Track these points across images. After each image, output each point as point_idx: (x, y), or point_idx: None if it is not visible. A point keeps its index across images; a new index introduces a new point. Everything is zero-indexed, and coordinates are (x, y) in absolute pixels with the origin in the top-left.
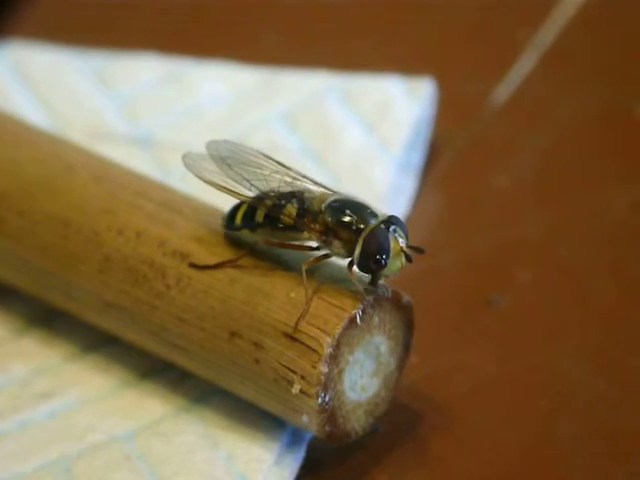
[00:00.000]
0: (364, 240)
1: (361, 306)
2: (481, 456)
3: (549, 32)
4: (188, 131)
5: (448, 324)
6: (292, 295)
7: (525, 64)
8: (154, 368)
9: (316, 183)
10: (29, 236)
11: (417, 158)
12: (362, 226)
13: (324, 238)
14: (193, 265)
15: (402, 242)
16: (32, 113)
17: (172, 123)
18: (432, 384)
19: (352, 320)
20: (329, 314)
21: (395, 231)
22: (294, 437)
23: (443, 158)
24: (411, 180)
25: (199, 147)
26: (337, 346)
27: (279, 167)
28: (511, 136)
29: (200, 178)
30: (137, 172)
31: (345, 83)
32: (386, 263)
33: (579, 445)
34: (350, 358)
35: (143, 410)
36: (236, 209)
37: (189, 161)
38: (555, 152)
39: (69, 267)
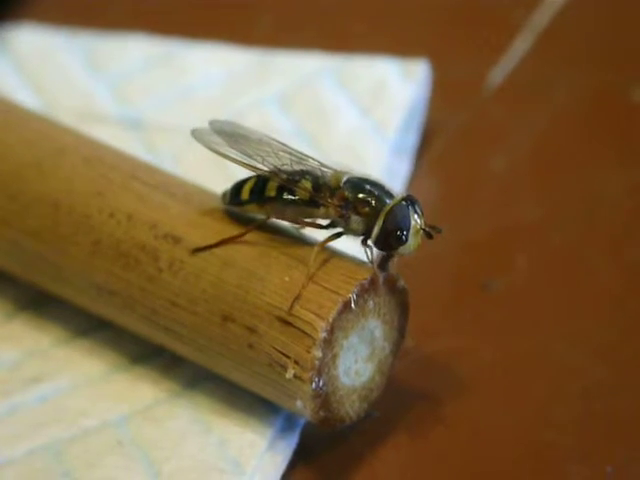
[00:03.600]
0: (386, 215)
1: (356, 290)
2: (476, 441)
3: (544, 14)
4: (179, 113)
5: (443, 309)
6: (286, 279)
7: (520, 46)
8: (146, 352)
9: (323, 164)
10: (19, 219)
11: (411, 141)
12: (383, 202)
13: (343, 212)
14: (196, 250)
15: (420, 220)
16: (21, 95)
17: (163, 105)
18: (427, 369)
19: (347, 304)
20: (323, 298)
21: (415, 209)
22: (288, 422)
23: (438, 141)
24: (405, 163)
25: (191, 129)
26: (331, 331)
27: (285, 147)
28: (506, 119)
29: (213, 150)
30: (128, 154)
31: (339, 65)
32: (407, 239)
33: (575, 430)
34: (344, 343)
35: (135, 395)
36: (241, 184)
37: (198, 135)
38: (550, 135)
39: (59, 250)
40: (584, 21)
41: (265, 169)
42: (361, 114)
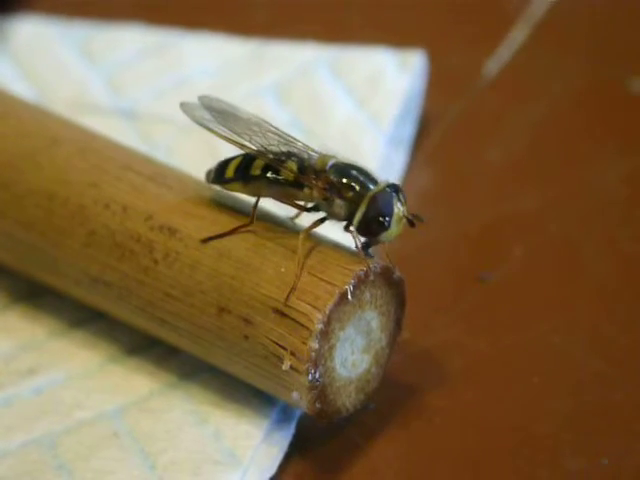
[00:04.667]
0: (370, 200)
1: (352, 282)
2: (472, 432)
3: (541, 5)
4: (174, 103)
5: (440, 300)
6: (282, 270)
7: (517, 37)
8: (141, 344)
9: (309, 147)
10: (13, 210)
11: (407, 132)
12: (367, 188)
13: (327, 195)
14: (205, 240)
15: (403, 208)
16: (16, 85)
17: (158, 95)
18: (423, 360)
19: (343, 296)
20: (320, 289)
21: (398, 197)
22: (284, 414)
23: (434, 132)
24: (401, 154)
25: (186, 120)
26: (328, 322)
27: (273, 128)
28: (502, 110)
29: (201, 125)
30: (123, 145)
31: (335, 56)
32: (389, 226)
33: (571, 422)
34: (341, 334)
35: (130, 386)
36: (227, 162)
37: (188, 109)
38: (547, 126)
39: (54, 241)
40: (581, 11)
41: (252, 147)
42: (357, 105)
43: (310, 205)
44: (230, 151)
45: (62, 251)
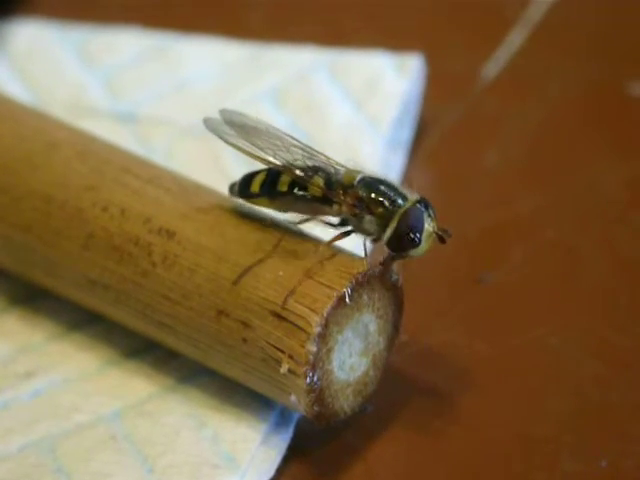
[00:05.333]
0: (401, 217)
1: (350, 285)
2: (470, 435)
3: (538, 8)
4: (173, 107)
5: (437, 303)
6: (280, 273)
7: (514, 40)
8: (140, 347)
9: (334, 161)
10: (11, 213)
11: (406, 135)
12: (398, 203)
13: (357, 211)
14: (236, 281)
15: (433, 224)
16: (14, 88)
17: (156, 98)
18: (421, 363)
19: (341, 299)
20: (318, 293)
21: (428, 212)
22: (282, 417)
23: (432, 135)
24: (400, 157)
25: (184, 123)
26: (326, 325)
27: (296, 142)
28: (501, 113)
29: (226, 142)
30: (121, 148)
31: (333, 59)
32: (420, 242)
33: (569, 424)
34: (339, 337)
35: (129, 390)
36: (251, 176)
37: (211, 125)
38: (545, 129)
39: (52, 244)
40: (578, 14)
41: (278, 163)
42: (355, 108)
43: (337, 222)
44: (231, 153)
45: (60, 254)
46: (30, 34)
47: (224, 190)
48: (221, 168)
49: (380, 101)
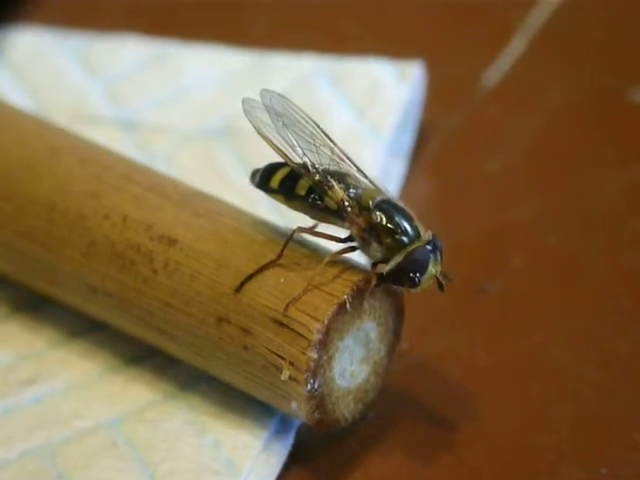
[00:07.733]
0: (407, 254)
1: (351, 292)
2: (471, 442)
3: (540, 15)
4: (174, 114)
5: (438, 310)
6: (281, 280)
7: (516, 47)
8: (140, 354)
9: (359, 169)
10: (13, 220)
11: (407, 142)
12: (407, 239)
13: (365, 236)
14: (238, 288)
15: (437, 268)
16: (15, 96)
17: (158, 106)
18: (422, 371)
19: (342, 306)
20: (319, 300)
21: (435, 255)
22: (283, 424)
23: (433, 142)
24: (400, 164)
25: (186, 131)
26: (326, 332)
27: (326, 140)
28: (501, 120)
29: (256, 129)
30: (123, 155)
31: (334, 66)
32: (419, 283)
33: (570, 432)
34: (340, 344)
35: (130, 396)
36: (274, 169)
37: (247, 107)
38: (546, 136)
39: (54, 252)
40: (580, 21)
41: (302, 164)
42: (356, 115)
43: (345, 235)
44: (231, 160)
45: (62, 261)
46: (32, 42)
47: (225, 197)
48: (222, 175)
49: (381, 108)
